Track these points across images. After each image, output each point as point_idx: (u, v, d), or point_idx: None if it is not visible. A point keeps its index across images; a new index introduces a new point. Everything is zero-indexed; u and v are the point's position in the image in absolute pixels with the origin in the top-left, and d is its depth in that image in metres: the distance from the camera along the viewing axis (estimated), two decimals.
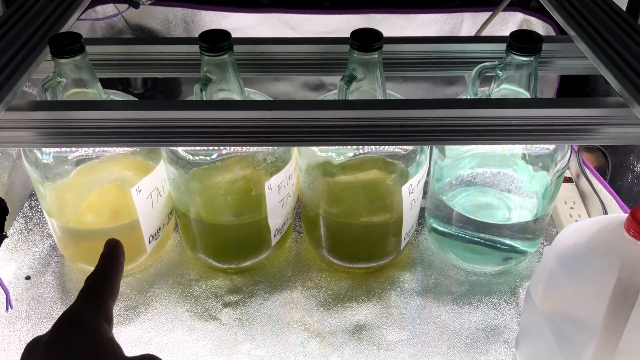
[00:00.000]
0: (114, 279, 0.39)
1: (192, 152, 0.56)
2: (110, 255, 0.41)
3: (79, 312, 0.37)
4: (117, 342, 0.36)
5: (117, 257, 0.41)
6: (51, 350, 0.34)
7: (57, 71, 0.50)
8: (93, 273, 0.40)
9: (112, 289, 0.39)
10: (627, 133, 0.47)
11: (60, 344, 0.34)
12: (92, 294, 0.38)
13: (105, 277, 0.39)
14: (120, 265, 0.40)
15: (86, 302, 0.37)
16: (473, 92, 0.55)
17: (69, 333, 0.35)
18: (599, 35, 0.54)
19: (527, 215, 0.63)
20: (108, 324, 0.37)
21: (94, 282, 0.39)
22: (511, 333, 0.59)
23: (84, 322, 0.36)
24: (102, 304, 0.38)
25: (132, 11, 0.86)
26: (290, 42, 0.57)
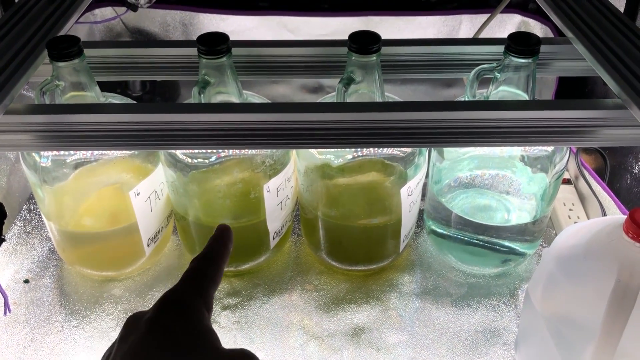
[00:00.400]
0: (219, 265, 0.39)
1: (191, 155, 0.56)
2: (220, 240, 0.40)
3: (182, 295, 0.36)
4: (215, 333, 0.36)
5: (226, 243, 0.40)
6: (151, 330, 0.34)
7: (55, 74, 0.50)
8: (200, 255, 0.39)
9: (215, 276, 0.38)
10: (625, 135, 0.47)
11: (161, 324, 0.34)
12: (196, 278, 0.37)
13: (210, 262, 0.39)
14: (227, 252, 0.40)
15: (190, 286, 0.37)
16: (471, 94, 0.55)
17: (171, 316, 0.35)
18: (597, 37, 0.54)
19: (525, 217, 0.63)
20: (208, 311, 0.37)
21: (200, 266, 0.38)
22: (510, 335, 0.59)
23: (186, 306, 0.35)
24: (204, 290, 0.37)
25: (131, 14, 0.86)
26: (288, 44, 0.57)
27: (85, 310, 0.62)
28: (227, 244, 0.40)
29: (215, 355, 0.34)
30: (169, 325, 0.34)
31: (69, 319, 0.61)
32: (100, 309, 0.62)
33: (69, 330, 0.60)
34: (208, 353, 0.34)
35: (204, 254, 0.39)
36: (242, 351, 0.35)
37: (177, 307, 0.35)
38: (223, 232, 0.41)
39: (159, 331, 0.34)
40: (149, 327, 0.34)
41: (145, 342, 0.33)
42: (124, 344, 0.34)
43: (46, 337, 0.59)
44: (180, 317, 0.35)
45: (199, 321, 0.35)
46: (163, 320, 0.34)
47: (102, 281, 0.65)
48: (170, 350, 0.33)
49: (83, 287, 0.64)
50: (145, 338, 0.34)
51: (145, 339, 0.34)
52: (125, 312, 0.61)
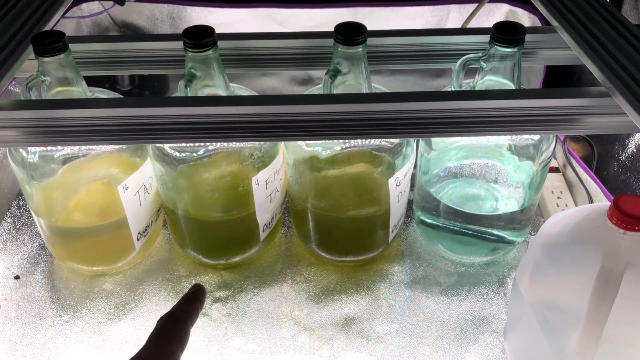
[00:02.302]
0: (186, 326, 0.38)
1: (179, 149, 0.56)
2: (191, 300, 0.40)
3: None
4: None
5: (196, 304, 0.40)
6: None
7: (40, 70, 0.50)
8: (167, 315, 0.38)
9: (183, 338, 0.38)
10: (610, 122, 0.48)
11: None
12: (163, 341, 0.37)
13: (177, 323, 0.38)
14: (196, 313, 0.40)
15: (156, 350, 0.36)
16: (457, 84, 0.55)
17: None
18: (582, 25, 0.54)
19: (514, 206, 0.64)
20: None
21: (166, 327, 0.38)
22: (499, 323, 0.60)
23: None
24: (171, 353, 0.36)
25: (118, 8, 0.86)
26: (274, 37, 0.57)
27: (77, 305, 0.62)
28: (196, 304, 0.40)
29: None
30: None
31: (60, 314, 0.61)
32: (92, 304, 0.62)
33: (60, 326, 0.60)
34: None
35: (172, 313, 0.39)
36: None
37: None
38: (196, 292, 0.40)
39: None
40: None
41: None
42: None
43: (37, 333, 0.59)
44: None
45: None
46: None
47: (92, 276, 0.65)
48: None
49: (74, 282, 0.64)
50: None
51: None
52: (116, 307, 0.62)
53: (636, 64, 0.47)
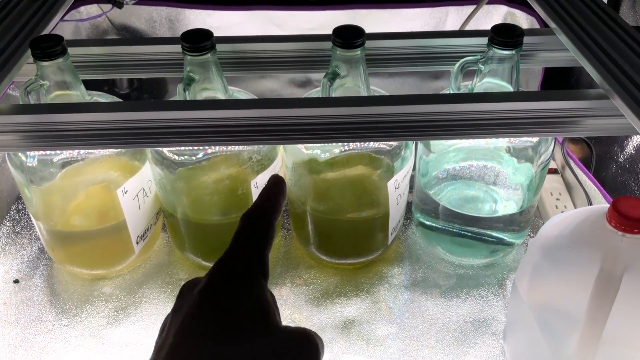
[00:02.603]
0: (271, 221, 0.35)
1: (177, 152, 0.56)
2: (272, 192, 0.36)
3: (236, 262, 0.33)
4: (272, 305, 0.33)
5: (278, 197, 0.36)
6: (204, 304, 0.31)
7: (39, 74, 0.50)
8: (249, 211, 0.35)
9: (269, 233, 0.35)
10: (608, 124, 0.48)
11: (214, 297, 0.32)
12: (248, 239, 0.34)
13: (261, 219, 0.35)
14: (279, 207, 0.36)
15: (243, 250, 0.34)
16: (456, 87, 0.55)
17: (225, 288, 0.32)
18: (580, 27, 0.54)
19: (513, 208, 0.64)
20: (264, 277, 0.33)
21: (250, 224, 0.35)
22: (499, 325, 0.60)
23: (241, 275, 0.32)
24: (259, 252, 0.34)
25: (116, 11, 0.86)
26: (273, 40, 0.57)
27: (76, 309, 0.62)
28: (278, 197, 0.37)
29: (273, 335, 0.31)
30: (222, 299, 0.31)
31: (60, 318, 0.61)
32: (91, 308, 0.62)
33: (59, 330, 0.60)
34: (266, 331, 0.31)
35: (253, 209, 0.35)
36: (304, 332, 0.32)
37: (231, 278, 0.32)
38: (277, 184, 0.37)
39: (212, 306, 0.31)
40: (201, 301, 0.31)
41: (197, 319, 0.31)
42: (178, 316, 0.32)
43: (37, 337, 0.59)
44: (233, 289, 0.32)
45: (255, 293, 0.32)
46: (216, 293, 0.32)
47: (92, 279, 0.65)
48: (222, 332, 0.30)
49: (73, 286, 0.64)
50: (197, 315, 0.31)
51: (198, 315, 0.31)
52: (115, 310, 0.62)
53: (634, 65, 0.48)
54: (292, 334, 0.32)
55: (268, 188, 0.37)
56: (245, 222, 0.35)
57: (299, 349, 0.31)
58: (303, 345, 0.32)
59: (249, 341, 0.30)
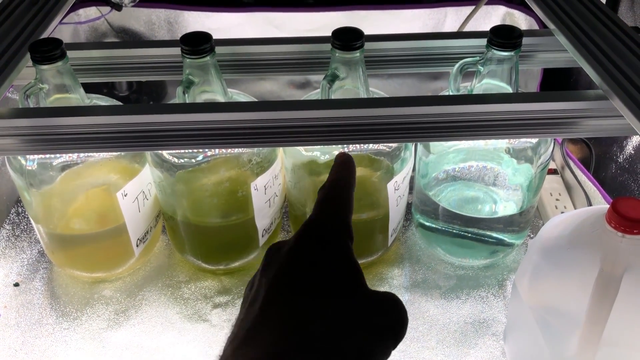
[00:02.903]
0: (351, 190, 0.36)
1: (177, 155, 0.56)
2: (344, 167, 0.37)
3: (322, 224, 0.34)
4: (360, 268, 0.33)
5: (351, 169, 0.37)
6: (293, 262, 0.32)
7: (38, 77, 0.50)
8: (327, 184, 0.36)
9: (349, 201, 0.35)
10: (607, 125, 0.48)
11: (304, 256, 0.32)
12: (332, 206, 0.35)
13: (341, 188, 0.36)
14: (354, 177, 0.37)
15: (328, 215, 0.34)
16: (455, 88, 0.55)
17: (312, 246, 0.32)
18: (579, 28, 0.54)
19: (512, 208, 0.64)
20: (350, 240, 0.34)
21: (332, 193, 0.35)
22: (499, 326, 0.60)
23: (328, 236, 0.33)
24: (343, 217, 0.34)
25: (115, 13, 0.86)
26: (272, 42, 0.57)
27: (76, 312, 0.62)
28: (350, 169, 0.37)
29: (361, 296, 0.31)
30: (312, 258, 0.32)
31: (60, 321, 0.61)
32: (91, 311, 0.62)
33: (60, 333, 0.60)
34: (355, 290, 0.31)
35: (331, 181, 0.36)
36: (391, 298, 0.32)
37: (319, 237, 0.33)
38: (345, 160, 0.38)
39: (302, 265, 0.32)
40: (290, 259, 0.32)
41: (287, 276, 0.31)
42: (266, 276, 0.32)
43: (37, 340, 0.59)
44: (324, 249, 0.32)
45: (343, 254, 0.33)
46: (305, 252, 0.32)
47: (92, 282, 0.65)
48: (313, 289, 0.31)
49: (73, 289, 0.64)
50: (287, 271, 0.32)
51: (288, 272, 0.32)
52: (116, 313, 0.62)
53: (633, 66, 0.48)
54: (380, 297, 0.32)
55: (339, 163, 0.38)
56: (328, 192, 0.36)
57: (387, 310, 0.32)
58: (391, 307, 0.32)
59: (339, 298, 0.31)
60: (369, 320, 0.31)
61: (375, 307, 0.31)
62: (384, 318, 0.31)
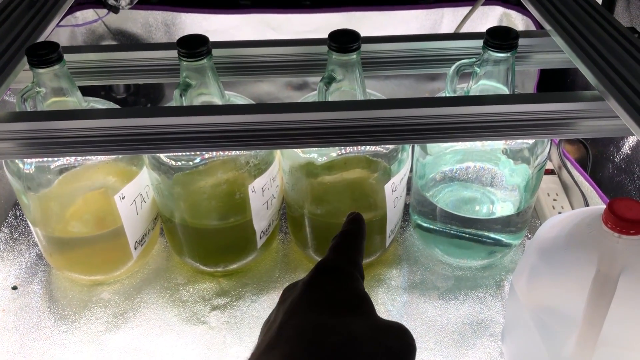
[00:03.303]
0: (361, 240, 0.39)
1: (174, 157, 0.56)
2: (355, 221, 0.40)
3: (336, 262, 0.37)
4: (371, 300, 0.35)
5: (362, 225, 0.40)
6: (309, 290, 0.34)
7: (35, 81, 0.50)
8: (341, 232, 0.39)
9: (360, 249, 0.39)
10: (603, 126, 0.48)
11: (319, 285, 0.35)
12: (343, 250, 0.38)
13: (353, 237, 0.39)
14: (364, 232, 0.40)
15: (341, 255, 0.37)
16: (452, 89, 0.55)
17: (327, 278, 0.35)
18: (575, 29, 0.54)
19: (510, 209, 0.64)
20: (362, 279, 0.37)
21: (344, 240, 0.39)
22: (497, 326, 0.60)
23: (341, 271, 0.36)
24: (355, 259, 0.37)
25: (112, 16, 0.86)
26: (269, 44, 0.57)
27: (75, 315, 0.62)
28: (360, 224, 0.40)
29: (372, 322, 0.34)
30: (327, 287, 0.35)
31: (59, 324, 0.61)
32: (90, 314, 0.62)
33: (58, 336, 0.60)
34: (366, 318, 0.33)
35: (344, 231, 0.39)
36: (400, 325, 0.34)
37: (333, 272, 0.36)
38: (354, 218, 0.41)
39: (317, 291, 0.34)
40: (306, 288, 0.34)
41: (304, 300, 0.34)
42: (282, 305, 0.35)
43: (35, 344, 0.59)
44: (338, 281, 0.35)
45: (355, 286, 0.35)
46: (321, 282, 0.35)
47: (90, 285, 0.65)
48: (328, 309, 0.33)
49: (72, 292, 0.64)
50: (303, 296, 0.34)
51: (304, 297, 0.34)
52: (114, 316, 0.62)
53: (628, 67, 0.48)
54: (390, 323, 0.34)
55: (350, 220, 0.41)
56: (340, 239, 0.39)
57: (396, 337, 0.33)
58: (400, 335, 0.33)
59: (351, 319, 0.33)
60: (381, 342, 0.32)
61: (387, 331, 0.33)
62: (394, 341, 0.33)
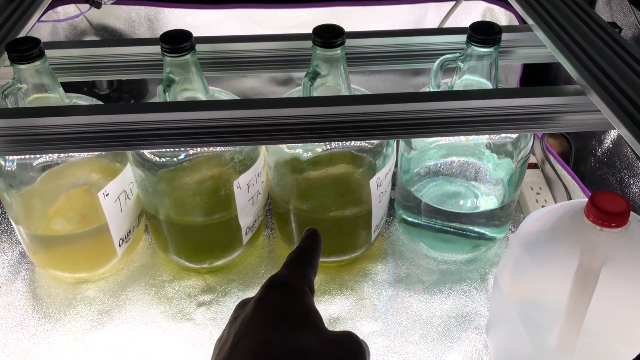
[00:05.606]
0: (315, 256, 0.41)
1: (158, 154, 0.55)
2: (312, 237, 0.42)
3: (286, 277, 0.38)
4: (320, 315, 0.37)
5: (318, 240, 0.42)
6: (260, 307, 0.36)
7: (16, 77, 0.50)
8: (297, 248, 0.41)
9: (313, 264, 0.40)
10: (585, 120, 0.49)
11: (270, 303, 0.36)
12: (296, 265, 0.40)
13: (307, 253, 0.41)
14: (320, 248, 0.42)
15: (293, 271, 0.39)
16: (436, 84, 0.55)
17: (278, 293, 0.37)
18: (557, 24, 0.55)
19: (494, 203, 0.64)
20: (311, 294, 0.38)
21: (298, 256, 0.40)
22: (482, 319, 0.60)
23: (291, 286, 0.37)
24: (307, 275, 0.39)
25: (95, 11, 0.85)
26: (253, 39, 0.57)
27: (59, 313, 0.61)
28: (317, 240, 0.42)
29: (321, 335, 0.35)
30: (277, 303, 0.36)
31: (43, 322, 0.60)
32: (75, 311, 0.61)
33: (43, 334, 0.59)
34: (315, 332, 0.35)
35: (300, 247, 0.41)
36: (348, 334, 0.36)
37: (284, 288, 0.37)
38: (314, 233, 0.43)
39: (268, 308, 0.36)
40: (257, 305, 0.36)
41: (254, 318, 0.35)
42: (234, 324, 0.36)
43: (19, 343, 0.58)
44: (288, 296, 0.36)
45: (305, 301, 0.37)
46: (271, 299, 0.36)
47: (74, 283, 0.64)
48: (278, 325, 0.34)
49: (56, 290, 0.64)
50: (254, 314, 0.35)
51: (255, 315, 0.35)
52: (99, 314, 0.61)
53: (609, 61, 0.48)
54: (339, 334, 0.36)
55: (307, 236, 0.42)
56: (295, 255, 0.40)
57: (345, 348, 0.35)
58: (350, 345, 0.35)
59: (301, 335, 0.34)
60: (331, 354, 0.34)
61: (335, 342, 0.35)
62: (343, 352, 0.35)
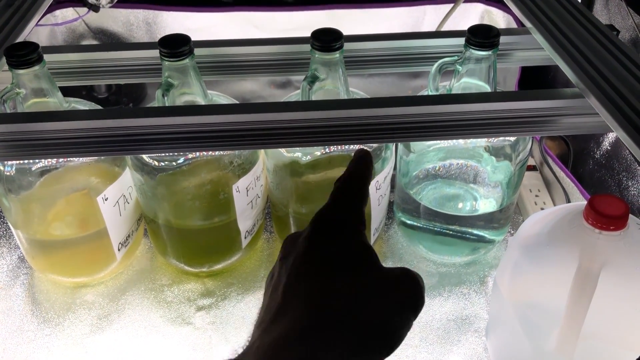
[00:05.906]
0: (366, 183, 0.38)
1: (157, 158, 0.55)
2: (361, 161, 0.40)
3: (335, 213, 0.36)
4: (373, 249, 0.35)
5: (369, 165, 0.40)
6: (310, 249, 0.34)
7: (15, 82, 0.50)
8: (343, 176, 0.39)
9: (364, 193, 0.38)
10: (584, 123, 0.49)
11: (319, 244, 0.34)
12: (346, 196, 0.37)
13: (356, 181, 0.38)
14: (370, 172, 0.39)
15: (341, 204, 0.37)
16: (434, 88, 0.55)
17: (327, 234, 0.35)
18: (555, 26, 0.55)
19: (492, 205, 0.64)
20: (363, 227, 0.36)
21: (347, 185, 0.38)
22: (481, 322, 0.60)
23: (341, 223, 0.35)
24: (356, 207, 0.37)
25: (93, 14, 0.85)
26: (251, 43, 0.57)
27: (58, 317, 0.61)
28: (368, 164, 0.40)
29: (376, 274, 0.34)
30: (328, 243, 0.34)
31: (42, 327, 0.60)
32: (74, 316, 0.61)
33: (42, 339, 0.59)
34: (369, 271, 0.34)
35: (348, 174, 0.39)
36: (405, 271, 0.34)
37: (332, 225, 0.35)
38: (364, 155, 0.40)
39: (319, 250, 0.34)
40: (308, 246, 0.34)
41: (306, 262, 0.34)
42: (286, 264, 0.35)
43: (18, 347, 0.58)
44: (337, 235, 0.35)
45: (355, 238, 0.35)
46: (320, 239, 0.35)
47: (74, 287, 0.64)
48: (331, 270, 0.33)
49: (55, 295, 0.64)
50: (305, 257, 0.34)
51: (306, 258, 0.34)
52: (99, 318, 0.61)
53: (607, 64, 0.48)
54: (396, 270, 0.34)
55: (357, 158, 0.40)
56: (342, 183, 0.38)
57: (403, 283, 0.34)
58: (407, 281, 0.34)
59: (356, 276, 0.33)
60: (387, 294, 0.33)
61: (392, 282, 0.33)
62: (401, 291, 0.33)
